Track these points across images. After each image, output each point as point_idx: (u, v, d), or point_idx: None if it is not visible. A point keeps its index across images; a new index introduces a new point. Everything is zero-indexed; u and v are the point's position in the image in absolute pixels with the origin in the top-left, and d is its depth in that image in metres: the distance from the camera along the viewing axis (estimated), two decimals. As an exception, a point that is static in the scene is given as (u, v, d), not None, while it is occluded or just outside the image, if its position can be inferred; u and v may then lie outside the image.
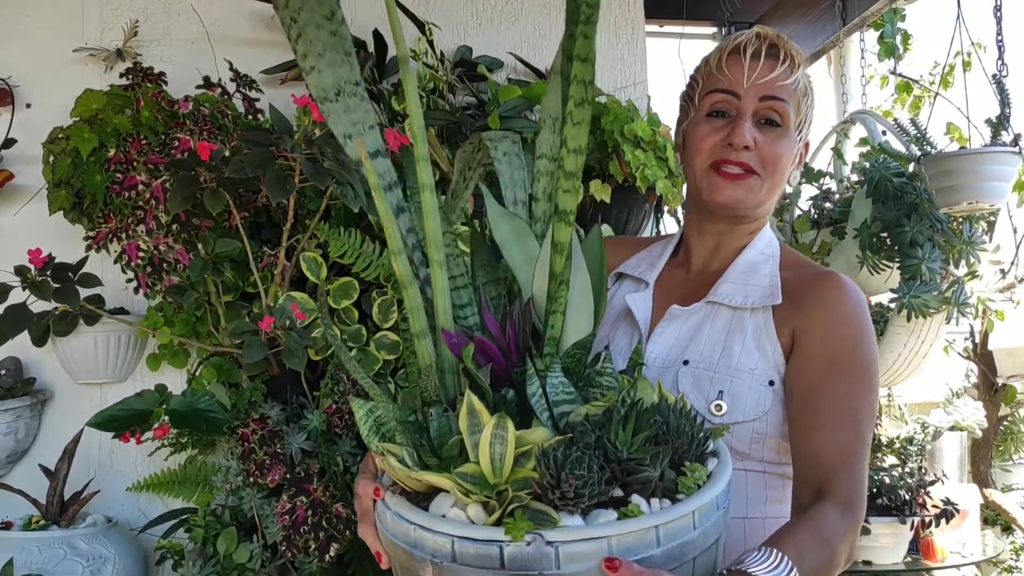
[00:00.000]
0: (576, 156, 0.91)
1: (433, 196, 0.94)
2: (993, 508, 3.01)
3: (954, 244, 2.30)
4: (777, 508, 1.25)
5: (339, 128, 1.00)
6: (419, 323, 0.98)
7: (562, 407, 0.93)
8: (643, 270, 1.42)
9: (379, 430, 0.97)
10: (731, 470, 0.95)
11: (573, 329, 0.99)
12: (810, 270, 1.33)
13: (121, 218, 1.99)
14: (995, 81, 2.34)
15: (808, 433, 1.17)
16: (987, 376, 3.24)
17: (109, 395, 2.21)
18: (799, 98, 1.31)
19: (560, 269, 0.95)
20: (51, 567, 1.93)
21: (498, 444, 0.84)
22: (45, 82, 2.31)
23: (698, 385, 1.23)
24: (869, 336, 1.24)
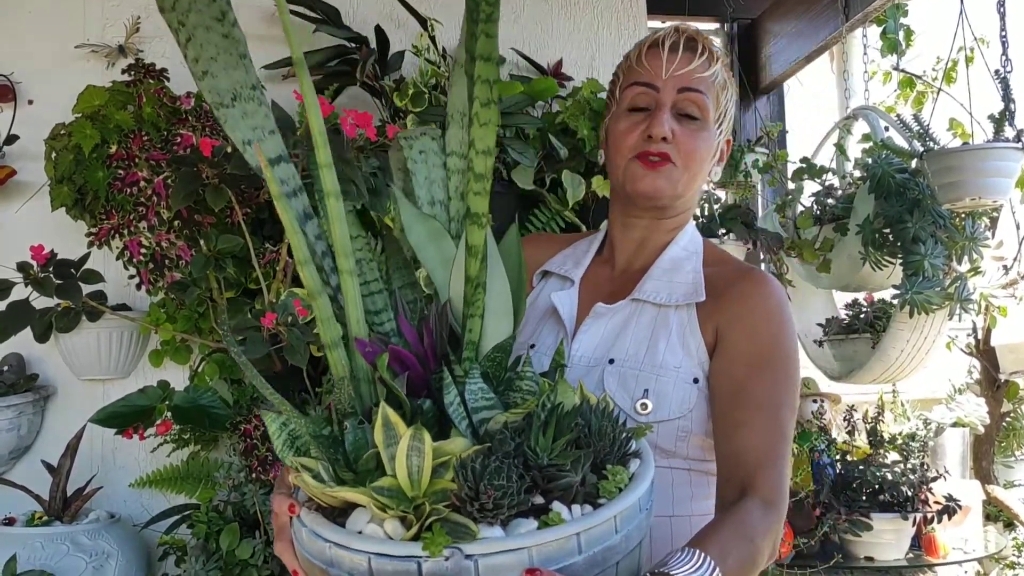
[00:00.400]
0: (485, 158, 0.89)
1: (339, 203, 0.90)
2: (995, 504, 3.01)
3: (957, 240, 2.30)
4: (703, 505, 1.26)
5: (238, 134, 0.96)
6: (330, 333, 0.94)
7: (481, 414, 0.91)
8: (568, 268, 1.42)
9: (293, 444, 0.94)
10: (653, 471, 0.95)
11: (492, 333, 0.98)
12: (733, 267, 1.35)
13: (123, 214, 1.99)
14: (998, 77, 2.33)
15: (732, 431, 1.18)
16: (989, 372, 3.24)
17: (112, 391, 2.22)
18: (718, 91, 1.32)
19: (476, 273, 0.93)
20: (54, 563, 1.94)
21: (415, 456, 0.82)
22: (47, 78, 2.31)
23: (623, 384, 1.23)
24: (790, 332, 1.26)
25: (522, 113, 2.25)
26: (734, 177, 2.77)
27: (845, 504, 2.48)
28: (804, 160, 2.76)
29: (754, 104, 3.44)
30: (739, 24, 3.51)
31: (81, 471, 2.13)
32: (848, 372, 2.70)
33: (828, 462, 2.63)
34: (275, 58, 2.30)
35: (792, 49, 3.22)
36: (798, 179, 2.76)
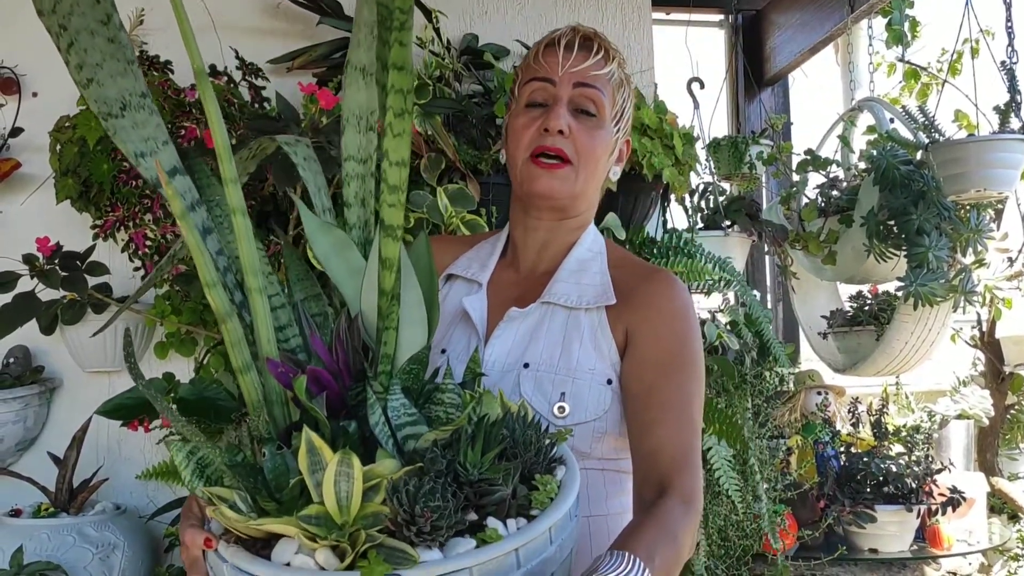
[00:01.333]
0: (400, 169, 0.87)
1: (246, 219, 0.86)
2: (1000, 496, 3.01)
3: (961, 232, 2.30)
4: (616, 503, 1.28)
5: (129, 147, 0.91)
6: (241, 357, 0.90)
7: (405, 430, 0.88)
8: (475, 271, 1.41)
9: (203, 473, 0.90)
10: (579, 477, 0.95)
11: (407, 344, 0.95)
12: (639, 268, 1.37)
13: (128, 207, 2.00)
14: (1004, 68, 2.33)
15: (646, 431, 1.20)
16: (994, 364, 3.24)
17: (117, 383, 2.22)
18: (614, 89, 1.33)
19: (390, 286, 0.91)
20: (60, 554, 1.95)
21: (343, 481, 0.78)
22: (51, 71, 2.30)
23: (540, 387, 1.24)
24: (696, 331, 1.29)
25: (526, 105, 2.24)
26: (739, 169, 2.77)
27: (849, 496, 2.48)
28: (809, 152, 2.76)
29: (759, 96, 3.43)
30: (744, 15, 3.50)
31: (87, 463, 2.14)
32: (852, 364, 2.70)
33: (832, 454, 2.63)
34: (279, 52, 2.30)
35: (797, 41, 3.22)
36: (803, 171, 2.75)
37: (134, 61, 0.91)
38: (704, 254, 2.25)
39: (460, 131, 2.20)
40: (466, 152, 2.12)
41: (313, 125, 1.82)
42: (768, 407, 2.44)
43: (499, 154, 1.47)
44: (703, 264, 2.22)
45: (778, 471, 2.40)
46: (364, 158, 1.02)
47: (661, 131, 2.21)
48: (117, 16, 0.89)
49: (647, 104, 2.29)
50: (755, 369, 2.41)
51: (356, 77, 0.99)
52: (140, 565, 2.07)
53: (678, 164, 2.24)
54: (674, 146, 2.22)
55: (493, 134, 2.20)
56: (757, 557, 2.31)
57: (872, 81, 3.07)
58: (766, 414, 2.40)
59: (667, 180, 2.21)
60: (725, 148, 2.78)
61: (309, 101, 1.86)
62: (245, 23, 2.38)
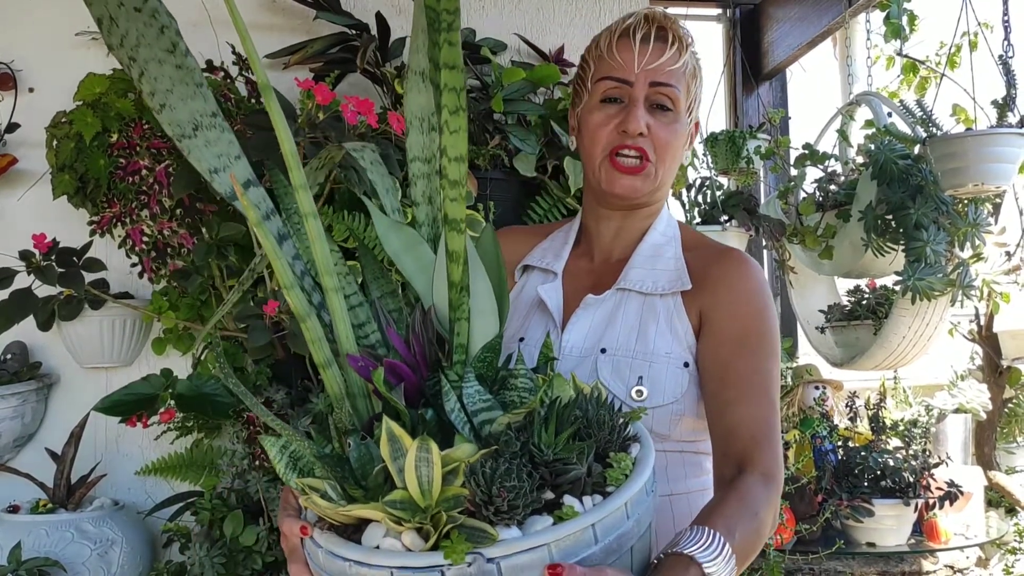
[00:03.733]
0: (458, 164, 0.90)
1: (318, 222, 0.90)
2: (997, 490, 3.01)
3: (959, 226, 2.29)
4: (697, 482, 1.30)
5: (203, 164, 0.96)
6: (322, 353, 0.95)
7: (481, 416, 0.92)
8: (549, 261, 1.44)
9: (296, 465, 0.95)
10: (654, 453, 0.97)
11: (480, 333, 0.98)
12: (711, 249, 1.38)
13: (125, 203, 1.99)
14: (1001, 62, 2.33)
15: (725, 409, 1.21)
16: (992, 358, 3.24)
17: (115, 379, 2.22)
18: (688, 81, 1.34)
19: (459, 278, 0.94)
20: (58, 550, 1.95)
21: (424, 467, 0.82)
22: (48, 66, 2.30)
23: (618, 372, 1.26)
24: (772, 308, 1.30)
25: (524, 100, 2.24)
26: (736, 164, 2.77)
27: (847, 490, 2.49)
28: (807, 146, 2.75)
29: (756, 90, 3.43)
30: (741, 9, 3.49)
31: (85, 459, 2.14)
32: (850, 358, 2.70)
33: (830, 448, 2.63)
34: (275, 47, 2.30)
35: (795, 34, 3.21)
36: (800, 165, 2.75)
37: (203, 84, 0.95)
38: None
39: (457, 126, 2.19)
40: (463, 147, 2.12)
41: (310, 120, 1.82)
42: (766, 402, 2.43)
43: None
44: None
45: (776, 465, 2.40)
46: (428, 157, 1.05)
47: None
48: (183, 43, 0.93)
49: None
50: (753, 364, 2.40)
51: (416, 81, 1.03)
52: (139, 561, 2.07)
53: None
54: (672, 141, 2.22)
55: (491, 129, 2.19)
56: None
57: (870, 75, 3.07)
58: (764, 408, 2.40)
59: (665, 175, 2.20)
60: (723, 142, 2.78)
61: (306, 96, 1.85)
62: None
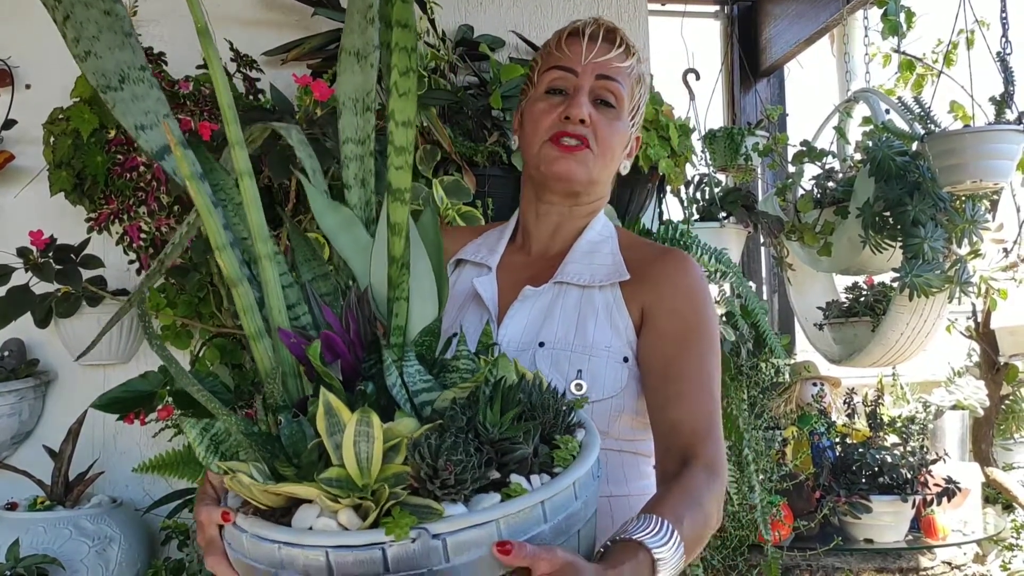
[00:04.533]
0: (406, 129, 0.85)
1: (253, 184, 0.84)
2: (994, 486, 3.02)
3: (957, 223, 2.30)
4: (638, 485, 1.29)
5: (129, 119, 0.90)
6: (254, 323, 0.89)
7: (422, 396, 0.89)
8: (483, 255, 1.42)
9: (218, 449, 0.89)
10: (599, 439, 0.96)
11: (418, 316, 0.95)
12: (650, 248, 1.38)
13: (123, 199, 1.99)
14: (999, 59, 2.33)
15: (668, 404, 1.22)
16: (989, 355, 3.24)
17: (112, 376, 2.22)
18: (632, 84, 1.36)
19: (400, 252, 0.89)
20: (56, 547, 1.95)
21: (363, 441, 0.77)
22: (45, 63, 2.30)
23: (557, 366, 1.25)
24: (711, 306, 1.31)
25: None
26: (735, 160, 2.77)
27: (845, 486, 2.49)
28: (804, 143, 2.76)
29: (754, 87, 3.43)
30: (739, 6, 3.49)
31: (82, 456, 2.14)
32: (848, 355, 2.71)
33: (828, 445, 2.63)
34: (273, 43, 2.29)
35: (793, 31, 3.22)
36: (798, 162, 2.76)
37: (132, 34, 0.90)
38: (700, 246, 2.25)
39: (456, 123, 2.19)
40: (462, 144, 2.12)
41: (308, 117, 1.81)
42: (764, 398, 2.44)
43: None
44: (699, 256, 2.23)
45: (774, 462, 2.40)
46: (362, 139, 1.01)
47: (657, 123, 2.21)
48: None
49: (643, 95, 2.29)
50: (751, 360, 2.41)
51: (351, 62, 1.00)
52: (136, 558, 2.07)
53: (674, 156, 2.24)
54: (670, 138, 2.22)
55: (489, 126, 2.19)
56: (753, 548, 2.32)
57: (868, 72, 3.07)
58: (762, 405, 2.41)
59: (663, 172, 2.20)
60: (721, 139, 2.78)
61: (304, 93, 1.85)
62: (240, 15, 2.37)
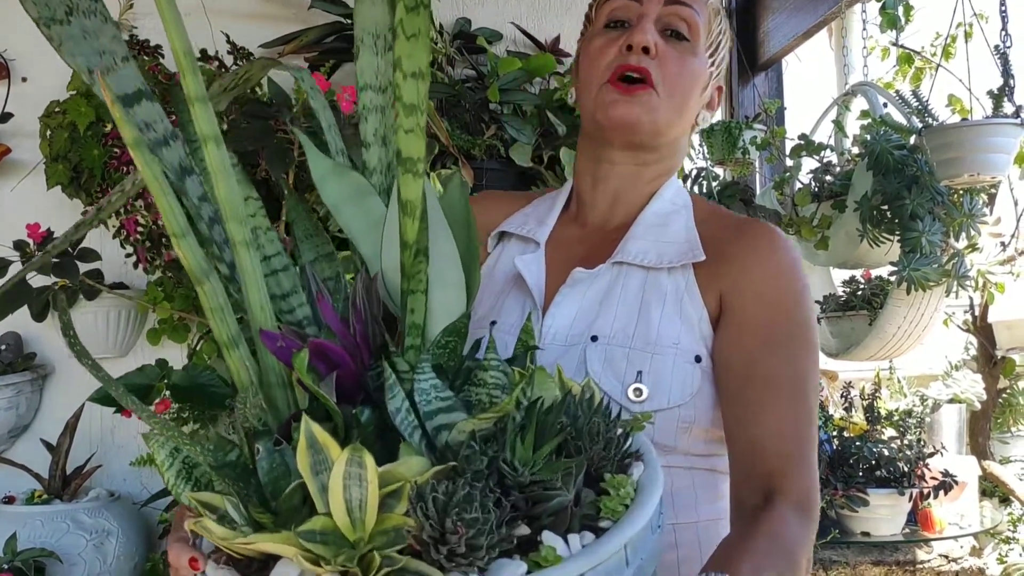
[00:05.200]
0: (416, 82, 0.65)
1: (221, 151, 0.65)
2: (991, 480, 3.02)
3: (955, 217, 2.29)
4: (709, 509, 1.06)
5: (80, 60, 0.72)
6: (226, 328, 0.69)
7: (438, 419, 0.68)
8: (531, 228, 1.19)
9: (191, 475, 0.72)
10: (662, 476, 0.72)
11: (440, 310, 0.75)
12: (732, 220, 1.14)
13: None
14: (998, 52, 2.32)
15: (750, 417, 0.99)
16: (986, 349, 3.25)
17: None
18: (710, 15, 1.13)
19: (414, 236, 0.70)
20: (54, 541, 1.95)
21: (355, 486, 0.59)
22: (41, 56, 2.29)
23: (611, 365, 1.01)
24: (808, 293, 1.06)
25: (520, 90, 2.24)
26: (732, 154, 2.76)
27: (842, 480, 2.49)
28: (802, 137, 2.75)
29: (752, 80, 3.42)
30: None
31: (80, 450, 2.14)
32: (845, 349, 2.70)
33: (825, 438, 2.63)
34: (270, 36, 2.29)
35: (791, 24, 3.21)
36: (796, 156, 2.75)
37: None
38: (698, 239, 2.24)
39: (453, 116, 2.19)
40: (459, 137, 2.12)
41: (305, 110, 1.81)
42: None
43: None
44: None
45: (771, 455, 2.40)
46: (383, 86, 0.83)
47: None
48: None
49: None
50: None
51: None
52: (134, 551, 2.07)
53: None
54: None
55: (486, 119, 2.19)
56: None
57: (866, 65, 3.07)
58: (759, 399, 2.41)
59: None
60: (718, 133, 2.77)
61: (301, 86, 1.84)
62: (237, 7, 2.36)
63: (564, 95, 2.22)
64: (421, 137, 0.67)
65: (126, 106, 0.70)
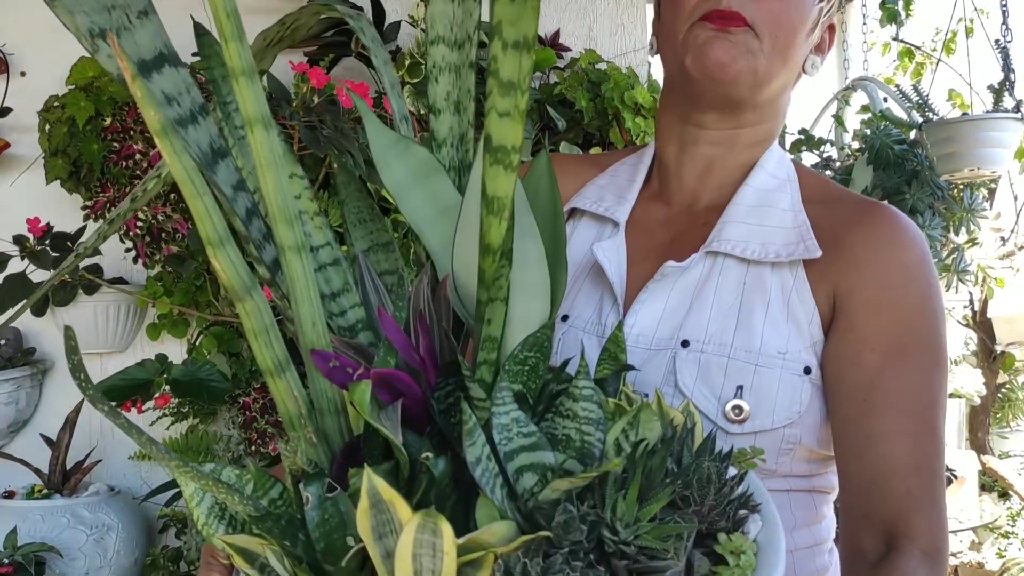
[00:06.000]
0: (519, 54, 0.50)
1: (272, 136, 0.52)
2: (990, 474, 3.03)
3: (955, 211, 2.30)
4: (807, 535, 0.93)
5: (80, 19, 0.57)
6: (271, 353, 0.57)
7: (519, 459, 0.56)
8: (609, 205, 1.01)
9: (224, 513, 0.60)
10: (782, 531, 0.59)
11: (521, 321, 0.63)
12: (848, 202, 0.95)
13: (119, 187, 1.98)
14: (998, 47, 2.32)
15: (868, 445, 0.84)
16: (986, 344, 3.25)
17: (109, 365, 2.21)
18: None
19: (499, 240, 0.55)
20: (54, 535, 1.95)
21: (427, 556, 0.49)
22: (40, 50, 2.28)
23: (706, 378, 0.87)
24: (939, 297, 0.90)
25: (520, 84, 2.23)
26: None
27: (841, 475, 2.49)
28: (802, 131, 2.75)
29: (752, 75, 3.41)
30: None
31: (80, 445, 2.13)
32: (845, 344, 2.70)
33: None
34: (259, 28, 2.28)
35: (791, 19, 3.20)
36: (796, 151, 2.75)
37: None
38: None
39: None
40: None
41: (304, 104, 1.81)
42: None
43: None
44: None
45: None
46: (460, 40, 0.69)
47: (655, 110, 2.20)
48: None
49: (641, 83, 2.28)
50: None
51: None
52: (135, 546, 2.07)
53: (672, 144, 2.23)
54: (668, 125, 2.21)
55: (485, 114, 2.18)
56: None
57: (866, 60, 3.06)
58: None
59: (661, 160, 2.20)
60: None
61: (300, 80, 1.84)
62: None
63: (564, 90, 2.21)
64: (520, 122, 0.53)
65: (144, 76, 0.58)
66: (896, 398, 0.84)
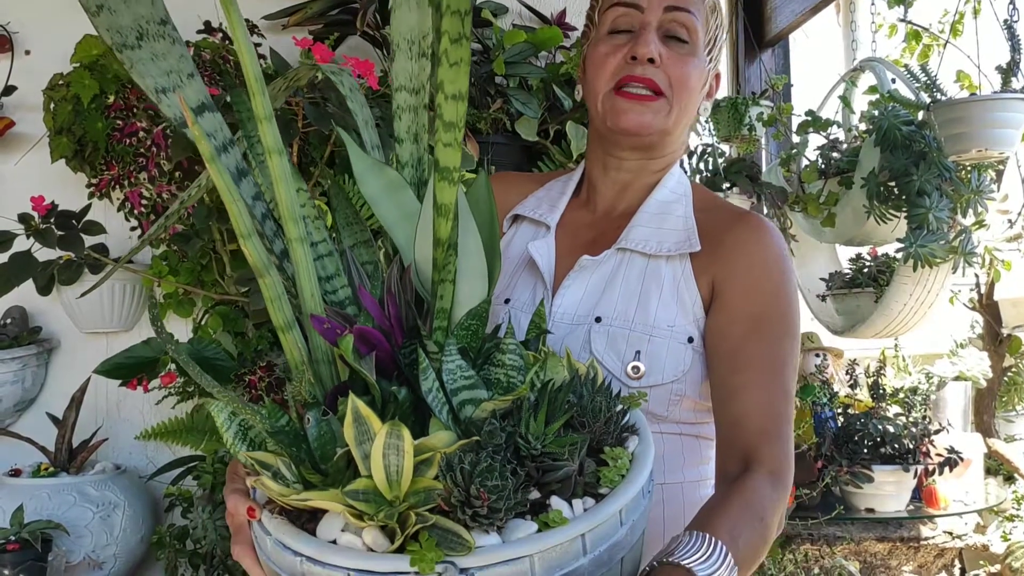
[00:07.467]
0: (456, 103, 0.76)
1: (283, 160, 0.77)
2: (996, 457, 3.02)
3: (962, 193, 2.28)
4: (694, 471, 1.19)
5: (148, 81, 0.82)
6: (282, 314, 0.81)
7: (462, 395, 0.80)
8: (543, 212, 1.28)
9: (246, 435, 0.82)
10: (653, 448, 0.85)
11: (465, 297, 0.86)
12: (727, 212, 1.23)
13: (123, 165, 1.98)
14: (1006, 27, 2.30)
15: (732, 395, 1.10)
16: (992, 326, 3.24)
17: (115, 344, 2.22)
18: (707, 14, 1.20)
19: (446, 235, 0.80)
20: (61, 513, 1.96)
21: (393, 455, 0.71)
22: (44, 28, 2.28)
23: (613, 345, 1.12)
24: (791, 284, 1.16)
25: (526, 63, 2.22)
26: (739, 131, 2.75)
27: (847, 456, 2.49)
28: (809, 113, 2.73)
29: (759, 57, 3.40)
30: (743, -23, 3.45)
31: (86, 423, 2.14)
32: (851, 326, 2.70)
33: (830, 415, 2.64)
34: (274, 8, 2.28)
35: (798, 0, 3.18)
36: (803, 132, 2.74)
37: None
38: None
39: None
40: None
41: (309, 82, 1.80)
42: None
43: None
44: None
45: (776, 432, 2.40)
46: (417, 88, 0.92)
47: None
48: None
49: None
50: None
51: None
52: (141, 524, 2.08)
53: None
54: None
55: (492, 92, 2.18)
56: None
57: (874, 41, 3.04)
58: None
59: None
60: (725, 110, 2.76)
61: (305, 57, 1.83)
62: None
63: (570, 68, 2.20)
64: (458, 150, 0.78)
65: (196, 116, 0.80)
66: (755, 360, 1.10)
